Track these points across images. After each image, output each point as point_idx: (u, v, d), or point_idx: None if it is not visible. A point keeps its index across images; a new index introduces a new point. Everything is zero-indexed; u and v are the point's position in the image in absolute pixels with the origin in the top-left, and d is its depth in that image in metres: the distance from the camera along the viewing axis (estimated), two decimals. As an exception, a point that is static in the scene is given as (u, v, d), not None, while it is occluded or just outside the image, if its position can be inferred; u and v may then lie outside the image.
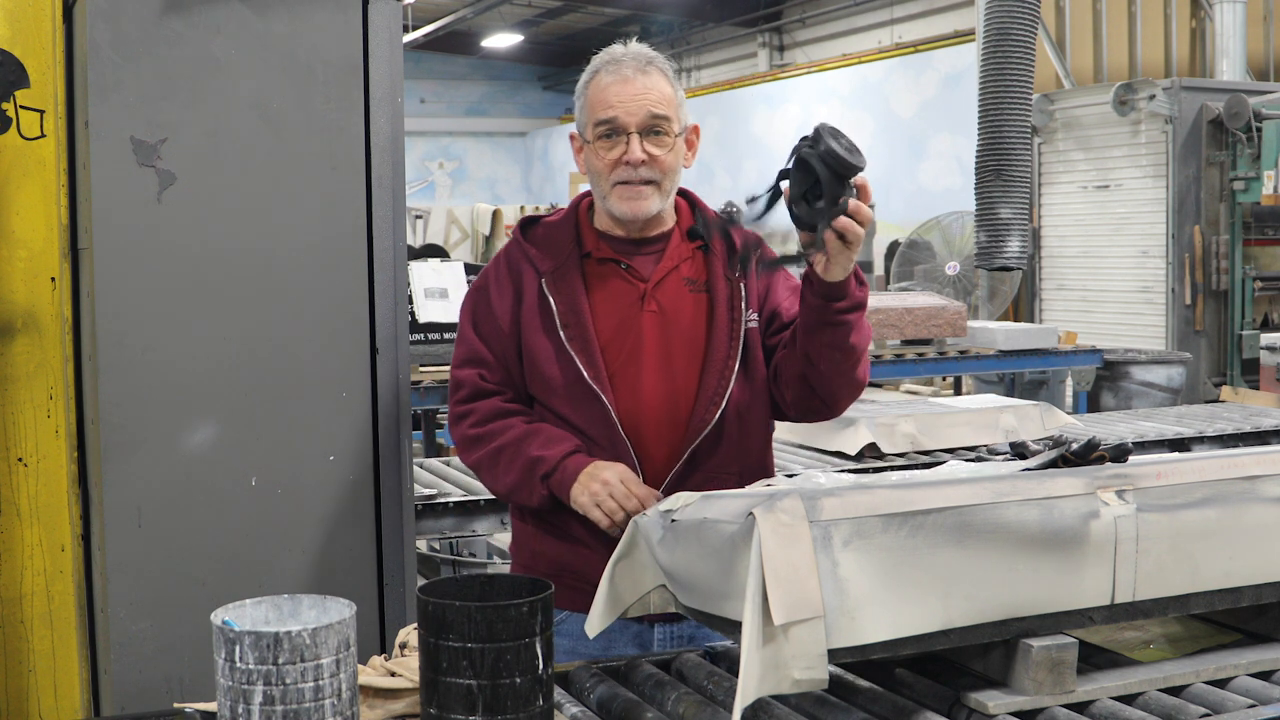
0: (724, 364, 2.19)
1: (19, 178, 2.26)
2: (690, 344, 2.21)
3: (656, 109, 2.16)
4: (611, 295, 2.22)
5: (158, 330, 2.28)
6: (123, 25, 2.23)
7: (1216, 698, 1.72)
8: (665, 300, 2.22)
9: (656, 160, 2.16)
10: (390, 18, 2.45)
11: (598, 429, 2.16)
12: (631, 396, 2.18)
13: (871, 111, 18.46)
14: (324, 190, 2.39)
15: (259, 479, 2.35)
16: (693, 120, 2.26)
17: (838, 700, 1.74)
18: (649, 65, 2.19)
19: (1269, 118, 9.03)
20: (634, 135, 2.15)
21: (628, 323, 2.20)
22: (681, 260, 2.25)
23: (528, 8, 21.78)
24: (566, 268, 2.21)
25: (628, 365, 2.19)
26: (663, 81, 2.19)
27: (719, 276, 2.24)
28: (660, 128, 2.16)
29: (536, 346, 2.20)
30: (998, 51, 5.84)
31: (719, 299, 2.22)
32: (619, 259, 2.23)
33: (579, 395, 2.17)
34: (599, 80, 2.19)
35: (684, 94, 2.25)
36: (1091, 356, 7.52)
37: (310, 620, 1.56)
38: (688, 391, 2.19)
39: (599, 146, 2.18)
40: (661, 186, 2.19)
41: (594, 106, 2.18)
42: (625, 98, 2.15)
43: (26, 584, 2.30)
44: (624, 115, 2.15)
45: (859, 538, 1.56)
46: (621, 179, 2.17)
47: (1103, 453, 1.83)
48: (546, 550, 2.24)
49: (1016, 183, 5.93)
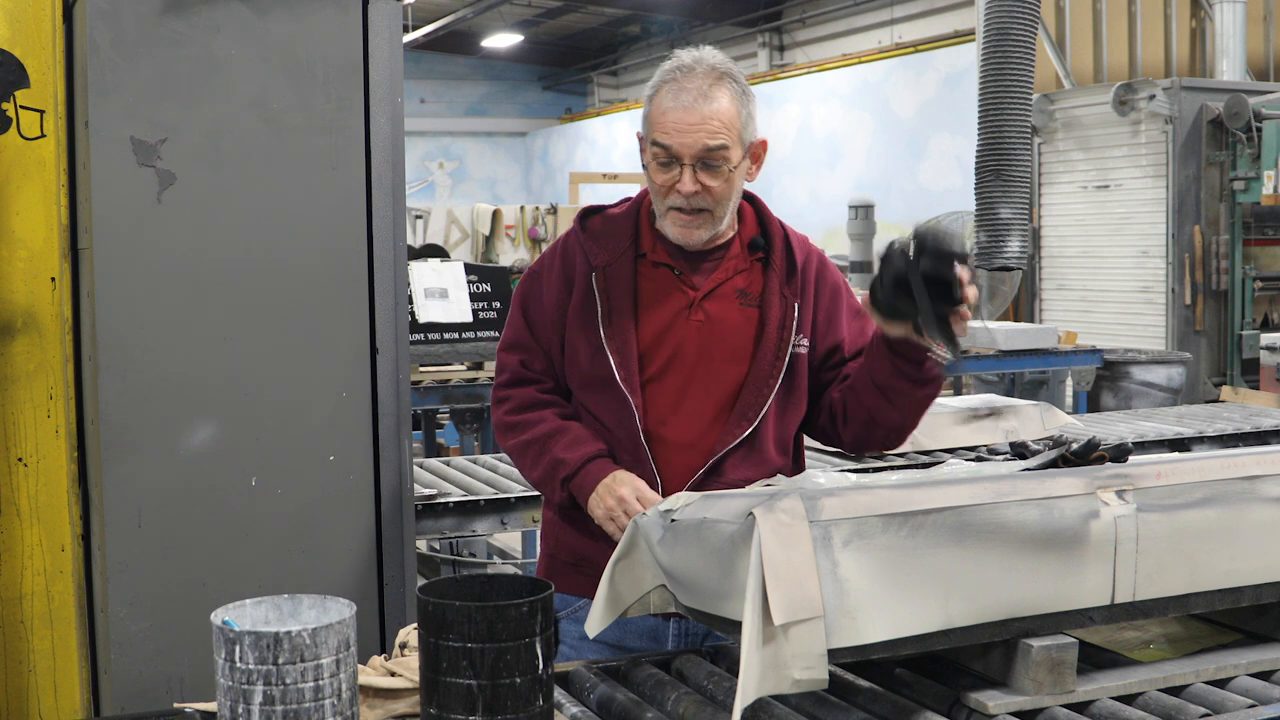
0: (765, 382, 2.17)
1: (19, 178, 2.26)
2: (733, 357, 2.19)
3: (713, 140, 2.09)
4: (659, 299, 2.19)
5: (158, 330, 2.28)
6: (123, 25, 2.23)
7: (1216, 698, 1.72)
8: (713, 310, 2.19)
9: (710, 190, 2.12)
10: (390, 18, 2.45)
11: (622, 430, 2.16)
12: (662, 403, 2.17)
13: (871, 111, 18.45)
14: (324, 190, 2.39)
15: (259, 479, 2.35)
16: (760, 137, 2.19)
17: (838, 700, 1.74)
18: (715, 85, 2.10)
19: (1269, 118, 9.02)
20: (687, 167, 2.10)
21: (671, 329, 2.18)
22: (738, 272, 2.22)
23: (528, 8, 21.77)
24: (620, 265, 2.20)
25: (665, 372, 2.17)
26: (727, 103, 2.10)
27: (774, 292, 2.21)
28: (715, 160, 2.10)
29: (577, 340, 2.20)
30: (998, 51, 5.83)
31: (770, 316, 2.20)
32: (673, 264, 2.21)
33: (608, 394, 2.17)
34: (661, 100, 2.12)
35: (753, 108, 2.16)
36: (1091, 356, 7.52)
37: (310, 620, 1.56)
38: (722, 404, 2.17)
39: (655, 167, 2.14)
40: (715, 214, 2.15)
41: (652, 125, 2.13)
42: (683, 127, 2.08)
43: (26, 584, 2.30)
44: (678, 146, 2.09)
45: (859, 538, 1.56)
46: (674, 205, 2.14)
47: (1103, 453, 1.83)
48: (569, 540, 2.25)
49: (1016, 183, 5.92)
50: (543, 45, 24.70)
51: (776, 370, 2.18)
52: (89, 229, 2.25)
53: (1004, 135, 5.92)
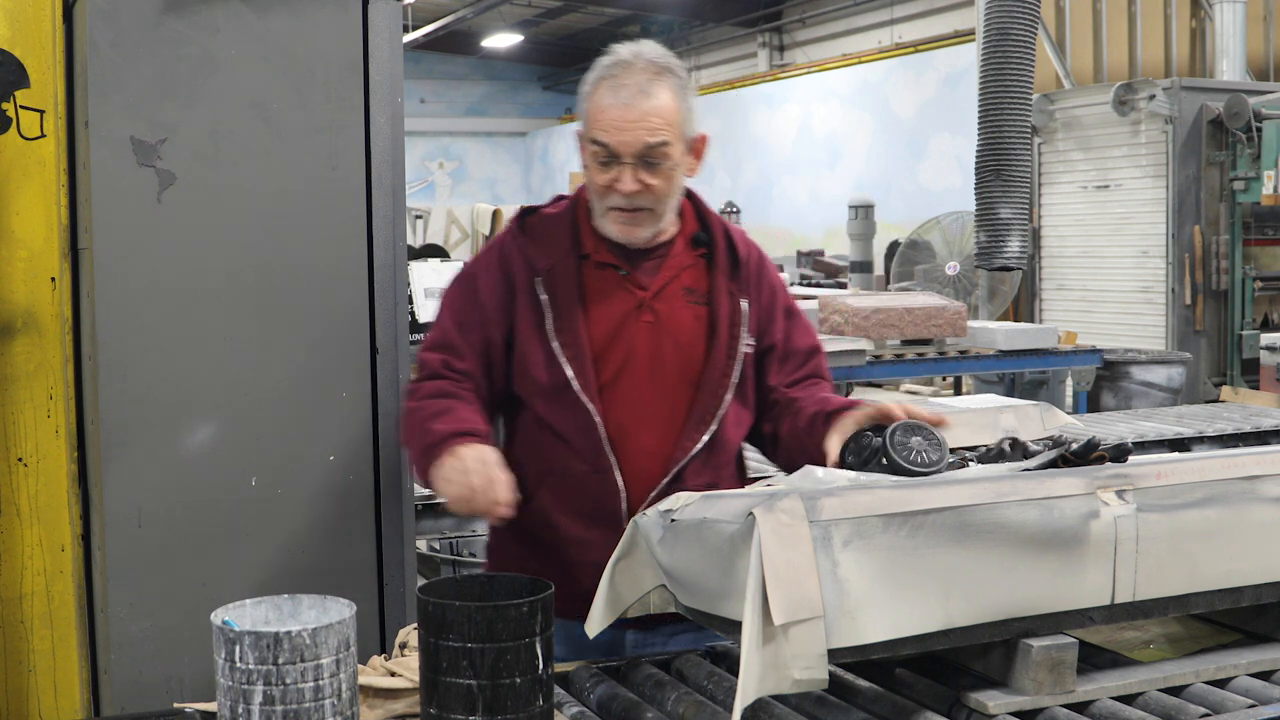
0: (720, 382, 2.12)
1: (19, 178, 2.26)
2: (686, 358, 2.12)
3: (654, 138, 2.02)
4: (608, 302, 2.12)
5: (158, 330, 2.28)
6: (123, 25, 2.23)
7: (1216, 698, 1.72)
8: (664, 311, 2.13)
9: (651, 189, 2.06)
10: (390, 18, 2.45)
11: (582, 440, 2.08)
12: (620, 408, 2.09)
13: (871, 111, 18.45)
14: (324, 190, 2.39)
15: (259, 479, 2.35)
16: (702, 129, 2.13)
17: (838, 700, 1.74)
18: (655, 81, 2.04)
19: (1269, 118, 9.02)
20: (628, 166, 2.03)
21: (622, 332, 2.10)
22: (683, 269, 2.16)
23: (528, 8, 21.77)
24: (563, 268, 2.11)
25: (619, 376, 2.09)
26: (667, 98, 2.04)
27: (721, 289, 2.15)
28: (656, 157, 2.04)
29: (528, 348, 2.10)
30: (998, 51, 5.84)
31: (720, 314, 2.14)
32: (618, 264, 2.14)
33: (565, 403, 2.08)
34: (599, 97, 2.05)
35: (693, 102, 2.10)
36: (1091, 356, 7.51)
37: (310, 620, 1.56)
38: (679, 406, 2.11)
39: (594, 165, 2.07)
40: (656, 211, 2.09)
41: (591, 122, 2.06)
42: (622, 125, 2.02)
43: (26, 584, 2.30)
44: (618, 144, 2.02)
45: (859, 538, 1.56)
46: (614, 205, 2.07)
47: (1103, 453, 1.83)
48: (521, 557, 2.13)
49: (1016, 183, 5.93)
50: (543, 45, 24.71)
51: (730, 369, 2.12)
52: (89, 229, 2.25)
53: (1004, 135, 5.93)
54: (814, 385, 2.24)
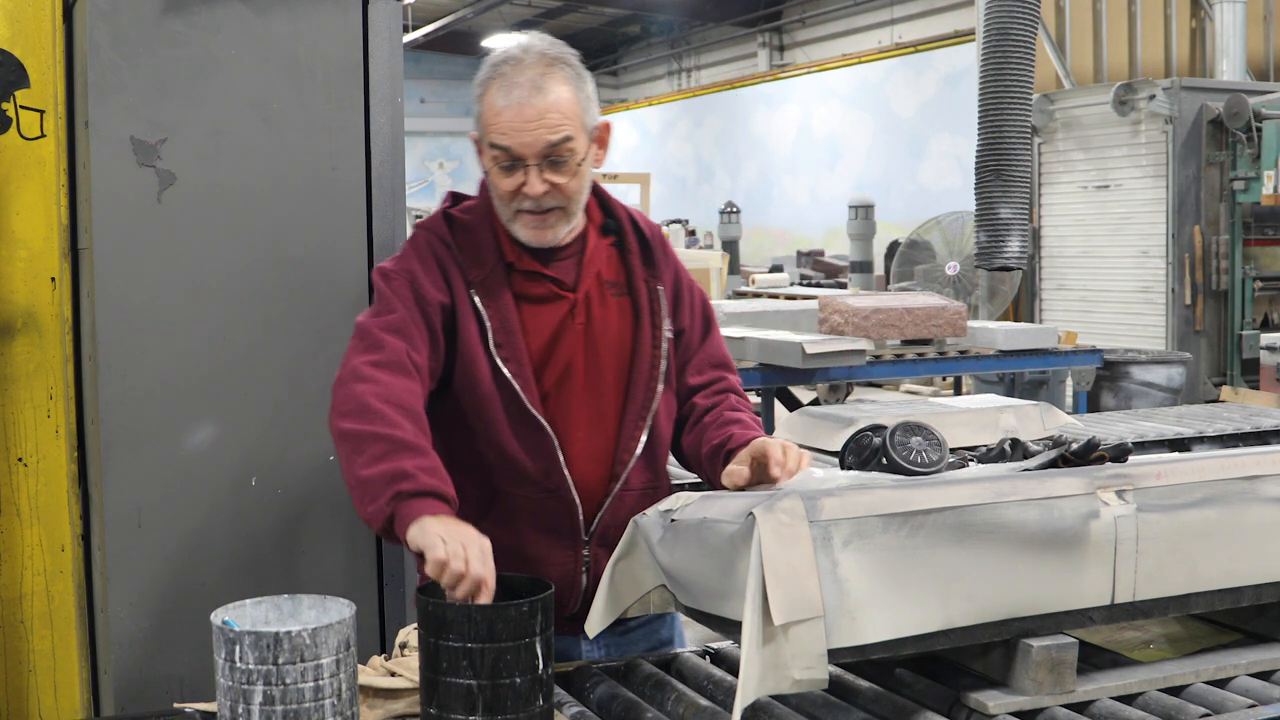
0: (650, 374, 2.06)
1: (19, 178, 2.26)
2: (618, 356, 2.06)
3: (555, 135, 1.92)
4: (541, 310, 2.03)
5: (158, 330, 2.28)
6: (123, 25, 2.23)
7: (1216, 698, 1.72)
8: (594, 311, 2.05)
9: (560, 188, 1.97)
10: (390, 18, 2.45)
11: (536, 460, 1.99)
12: (565, 418, 2.02)
13: (871, 111, 18.46)
14: (324, 190, 2.39)
15: (259, 479, 2.35)
16: (603, 119, 2.04)
17: (838, 700, 1.74)
18: (547, 75, 1.94)
19: (1269, 118, 9.03)
20: (532, 167, 1.94)
21: (558, 340, 2.03)
22: (601, 262, 2.09)
23: (528, 8, 21.79)
24: (495, 279, 2.02)
25: (561, 385, 2.03)
26: (563, 91, 1.94)
27: (638, 278, 2.09)
28: (561, 155, 1.94)
29: (472, 364, 1.99)
30: (998, 51, 5.84)
31: (641, 303, 2.08)
32: (543, 270, 2.04)
33: (516, 419, 1.99)
34: (492, 99, 1.94)
35: (591, 90, 2.00)
36: (1091, 356, 7.51)
37: (310, 620, 1.56)
38: (618, 408, 2.05)
39: (497, 171, 1.97)
40: (568, 210, 2.01)
41: (487, 127, 1.96)
42: (520, 126, 1.91)
43: (26, 584, 2.30)
44: (519, 147, 1.93)
45: (859, 538, 1.56)
46: (523, 208, 1.98)
47: (1103, 453, 1.83)
48: None
49: (1016, 183, 5.93)
50: (543, 45, 24.69)
51: (657, 360, 2.06)
52: (89, 229, 2.25)
53: (1004, 135, 5.93)
54: (722, 397, 2.17)
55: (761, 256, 19.44)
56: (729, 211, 16.09)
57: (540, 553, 2.03)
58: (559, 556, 2.03)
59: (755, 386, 6.52)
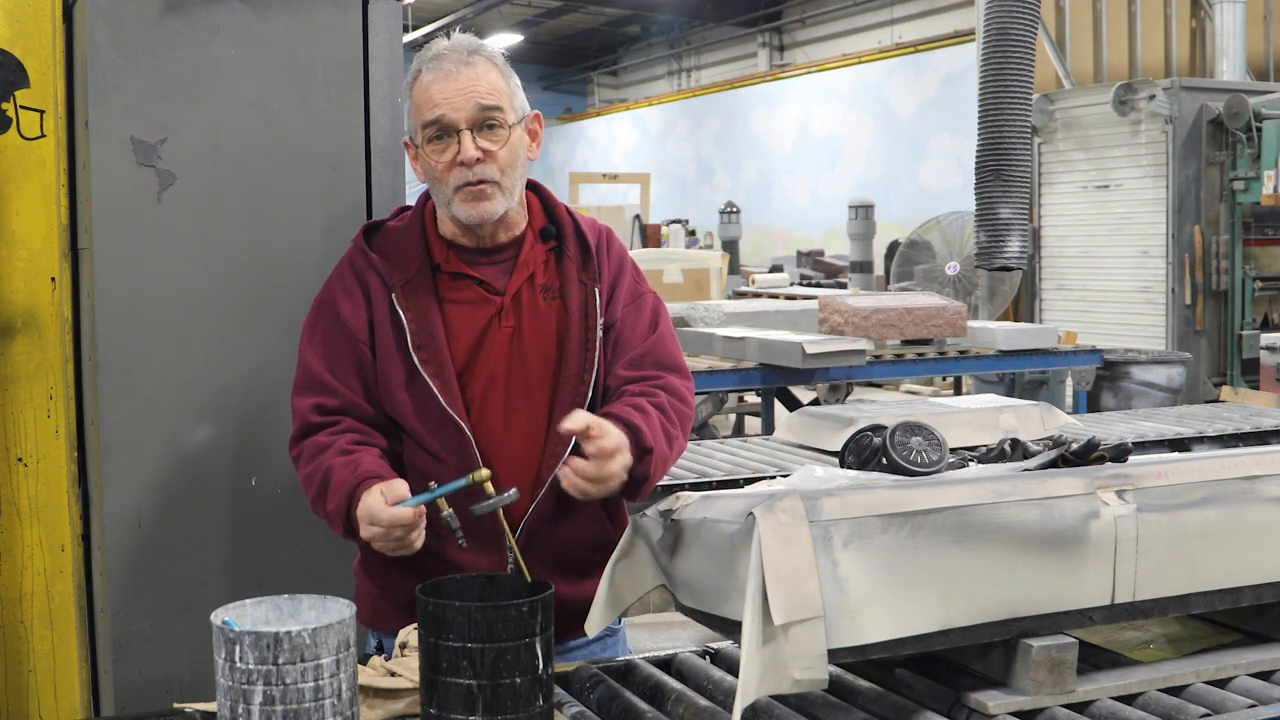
0: (579, 378, 2.05)
1: (19, 178, 2.27)
2: (547, 359, 2.06)
3: (485, 100, 1.99)
4: (466, 313, 2.05)
5: (158, 330, 2.28)
6: (123, 25, 2.23)
7: (1216, 698, 1.72)
8: (523, 315, 2.06)
9: (493, 156, 2.00)
10: (390, 18, 2.45)
11: (455, 458, 2.00)
12: (490, 422, 2.03)
13: (871, 111, 18.46)
14: (324, 190, 2.40)
15: (259, 479, 2.35)
16: (531, 109, 2.09)
17: (838, 700, 1.74)
18: (473, 56, 2.02)
19: (1269, 118, 9.03)
20: (465, 132, 1.99)
21: (484, 343, 2.04)
22: (535, 266, 2.09)
23: (528, 8, 21.80)
24: (418, 282, 2.04)
25: (487, 389, 2.03)
26: (491, 71, 2.02)
27: (573, 281, 2.09)
28: (493, 120, 2.00)
29: (389, 368, 2.03)
30: (998, 51, 5.84)
31: (572, 307, 2.07)
32: (472, 273, 2.06)
33: (435, 422, 2.00)
34: (422, 80, 2.02)
35: (517, 81, 2.08)
36: (1091, 356, 7.51)
37: (310, 620, 1.56)
38: (545, 413, 2.04)
39: (431, 150, 2.01)
40: (503, 185, 2.02)
41: (420, 108, 2.02)
42: (450, 93, 1.98)
43: (26, 584, 2.30)
44: (450, 112, 1.98)
45: (859, 538, 1.56)
46: (460, 181, 2.00)
47: (1103, 453, 1.83)
48: (401, 579, 2.02)
49: (1016, 183, 5.93)
50: (543, 45, 24.71)
51: (588, 364, 2.05)
52: (89, 229, 2.25)
53: (1004, 135, 5.93)
54: (650, 388, 2.11)
55: (761, 256, 19.45)
56: (729, 211, 16.09)
57: (465, 558, 1.99)
58: (486, 563, 2.01)
59: (755, 386, 6.52)
